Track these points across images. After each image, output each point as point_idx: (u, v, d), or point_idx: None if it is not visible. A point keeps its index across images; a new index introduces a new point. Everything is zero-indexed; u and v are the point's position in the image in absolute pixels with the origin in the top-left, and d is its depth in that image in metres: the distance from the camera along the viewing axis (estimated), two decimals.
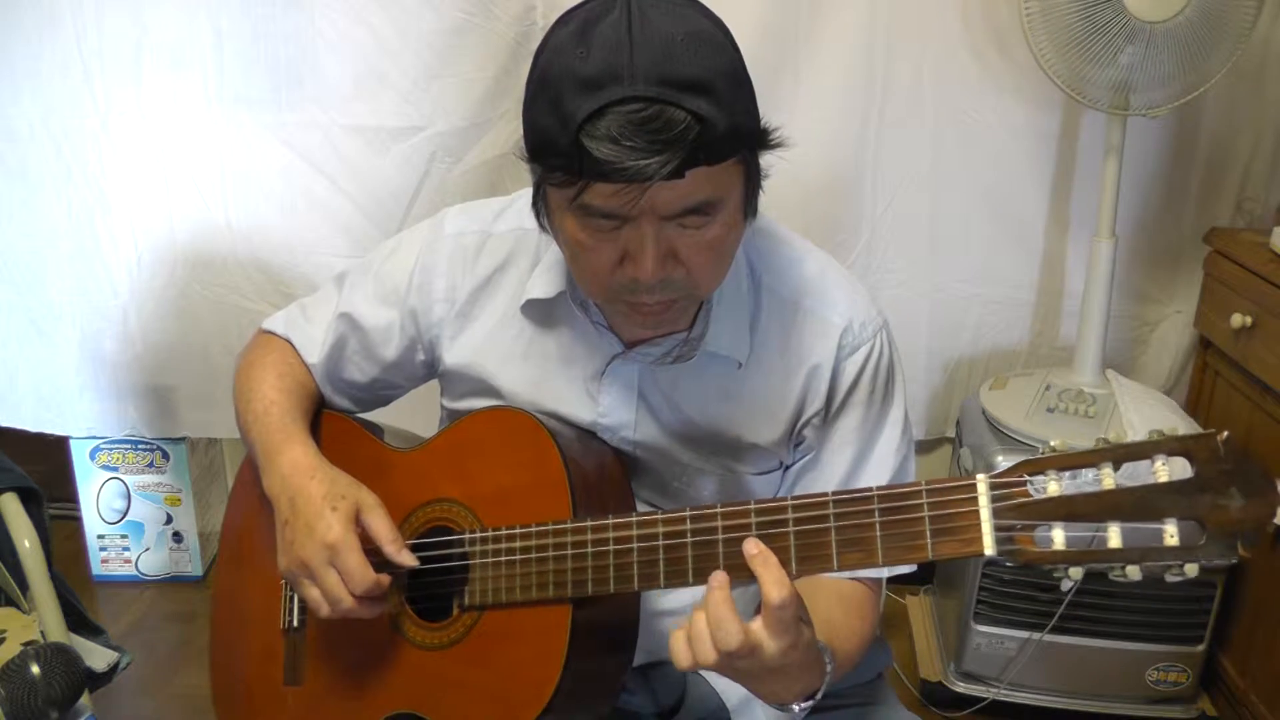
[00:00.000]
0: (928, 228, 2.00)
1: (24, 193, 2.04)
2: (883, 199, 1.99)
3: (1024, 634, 1.82)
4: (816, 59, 1.90)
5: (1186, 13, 1.59)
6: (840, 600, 1.00)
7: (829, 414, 1.03)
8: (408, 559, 0.97)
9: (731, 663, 0.80)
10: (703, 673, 1.07)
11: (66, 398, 2.18)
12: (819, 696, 0.87)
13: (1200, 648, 1.80)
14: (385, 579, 0.97)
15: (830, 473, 1.03)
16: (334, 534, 0.95)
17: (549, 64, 0.84)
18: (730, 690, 1.06)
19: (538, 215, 0.94)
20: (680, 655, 0.81)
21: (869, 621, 1.03)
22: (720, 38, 0.85)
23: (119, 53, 1.94)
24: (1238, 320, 1.77)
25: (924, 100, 1.92)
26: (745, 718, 1.06)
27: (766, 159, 0.90)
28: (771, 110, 0.88)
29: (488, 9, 1.88)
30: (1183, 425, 1.77)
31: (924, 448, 2.22)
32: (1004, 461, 0.77)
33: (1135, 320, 2.07)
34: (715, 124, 0.80)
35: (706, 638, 0.79)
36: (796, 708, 0.87)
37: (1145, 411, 1.79)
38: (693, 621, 0.80)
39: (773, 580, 0.79)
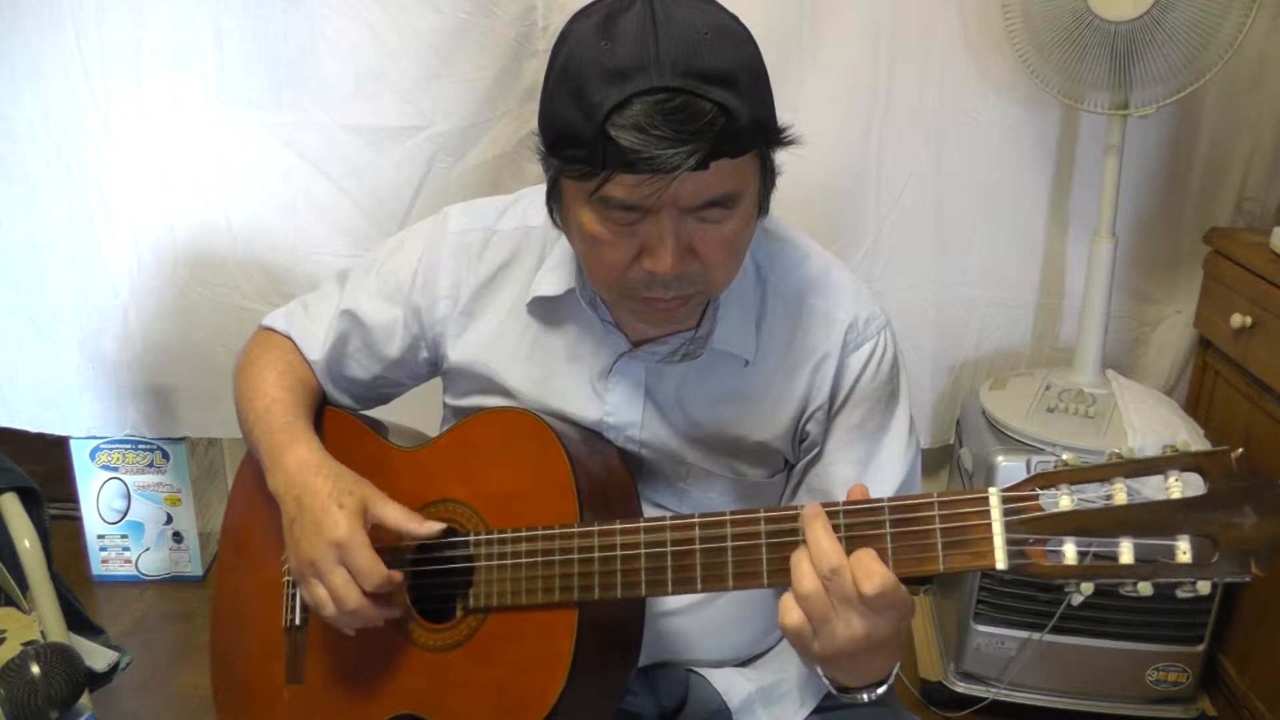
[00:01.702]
0: (932, 230, 2.00)
1: (24, 193, 2.04)
2: (886, 201, 1.99)
3: (1024, 634, 1.82)
4: (819, 61, 1.90)
5: (1154, 13, 1.59)
6: None
7: (832, 409, 1.03)
8: (431, 527, 0.97)
9: (836, 610, 0.79)
10: (705, 673, 1.08)
11: (66, 398, 2.18)
12: (890, 682, 0.87)
13: (1200, 648, 1.80)
14: (397, 575, 0.96)
15: (836, 471, 1.03)
16: (341, 531, 0.95)
17: (571, 56, 0.84)
18: (732, 691, 1.06)
19: (551, 211, 0.94)
20: (790, 610, 0.80)
21: None
22: (741, 31, 0.86)
23: (119, 53, 1.94)
24: (1238, 320, 1.77)
25: (927, 101, 1.92)
26: (747, 718, 1.06)
27: (779, 158, 0.90)
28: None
29: (488, 9, 1.88)
30: (1182, 426, 1.77)
31: (929, 458, 2.19)
32: (1003, 462, 0.77)
33: (1135, 320, 2.07)
34: (739, 116, 0.80)
35: (808, 570, 0.79)
36: (865, 697, 0.88)
37: (1145, 412, 1.79)
38: (794, 564, 0.80)
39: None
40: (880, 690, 0.88)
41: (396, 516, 0.97)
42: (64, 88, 1.96)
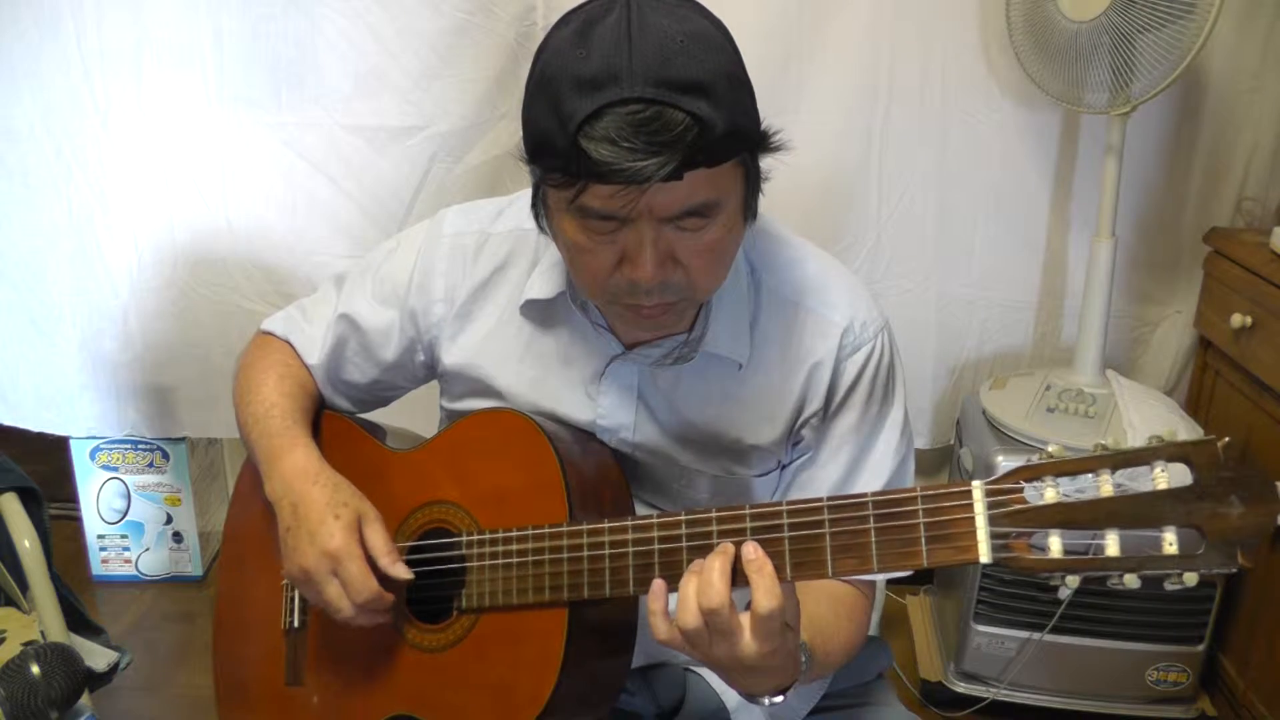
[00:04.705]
0: (933, 230, 2.00)
1: (24, 193, 2.04)
2: (888, 202, 1.98)
3: (1024, 634, 1.82)
4: (821, 61, 1.90)
5: (1109, 13, 1.59)
6: (831, 600, 1.00)
7: (827, 413, 1.02)
8: (402, 572, 0.97)
9: (710, 640, 0.80)
10: (702, 673, 1.08)
11: (67, 397, 2.18)
12: (789, 695, 0.87)
13: (1200, 648, 1.80)
14: (389, 596, 0.97)
15: (827, 473, 1.03)
16: (336, 543, 0.95)
17: (548, 64, 0.84)
18: (729, 690, 1.06)
19: (536, 216, 0.94)
20: (659, 626, 0.82)
21: (857, 624, 1.02)
22: (720, 39, 0.84)
23: (119, 53, 1.94)
24: (1238, 320, 1.77)
25: (929, 101, 1.92)
26: (745, 718, 1.06)
27: (767, 161, 0.90)
28: (775, 113, 0.88)
29: (488, 9, 1.88)
30: (1182, 426, 1.77)
31: (930, 458, 2.20)
32: (1003, 462, 0.76)
33: (1135, 320, 2.07)
34: (714, 126, 0.79)
35: (692, 599, 0.80)
36: (766, 701, 0.87)
37: (1145, 412, 1.78)
38: (680, 586, 0.81)
39: (764, 589, 0.79)
40: (778, 699, 0.87)
41: (377, 545, 0.97)
42: (64, 88, 1.96)
